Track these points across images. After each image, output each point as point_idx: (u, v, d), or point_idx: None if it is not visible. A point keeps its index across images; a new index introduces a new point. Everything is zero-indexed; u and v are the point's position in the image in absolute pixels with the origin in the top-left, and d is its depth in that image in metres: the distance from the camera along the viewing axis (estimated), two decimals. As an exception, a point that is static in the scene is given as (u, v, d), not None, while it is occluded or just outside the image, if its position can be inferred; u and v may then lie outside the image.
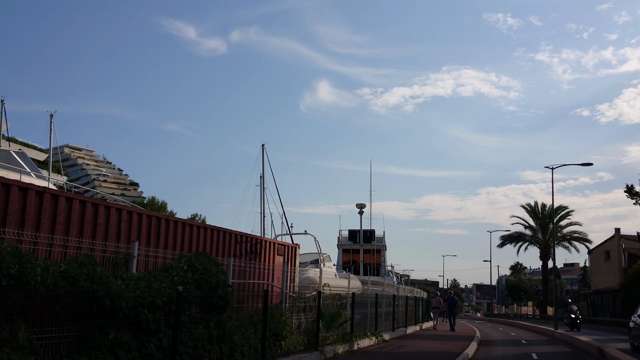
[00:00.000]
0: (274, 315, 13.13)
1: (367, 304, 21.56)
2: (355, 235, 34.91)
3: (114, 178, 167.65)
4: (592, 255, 65.19)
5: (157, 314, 8.76)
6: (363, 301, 21.58)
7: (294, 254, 16.47)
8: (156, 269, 9.95)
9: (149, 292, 8.63)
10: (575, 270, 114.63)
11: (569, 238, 63.70)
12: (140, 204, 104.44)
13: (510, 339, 27.88)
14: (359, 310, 20.52)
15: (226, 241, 12.77)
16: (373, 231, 35.34)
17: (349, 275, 19.47)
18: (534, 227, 66.00)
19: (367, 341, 17.54)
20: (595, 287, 60.01)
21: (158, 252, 10.40)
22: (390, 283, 26.26)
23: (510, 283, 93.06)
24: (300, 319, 15.70)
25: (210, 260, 10.39)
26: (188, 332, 9.57)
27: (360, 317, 20.46)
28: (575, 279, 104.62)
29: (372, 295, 22.82)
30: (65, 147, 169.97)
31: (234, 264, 12.86)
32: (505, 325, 46.01)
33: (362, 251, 35.10)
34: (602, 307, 53.12)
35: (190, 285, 9.62)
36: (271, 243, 14.97)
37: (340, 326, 16.50)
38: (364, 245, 34.90)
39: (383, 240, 35.87)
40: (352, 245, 35.24)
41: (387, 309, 24.97)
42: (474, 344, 21.64)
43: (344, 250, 35.74)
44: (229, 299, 10.75)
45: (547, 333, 32.36)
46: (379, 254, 35.18)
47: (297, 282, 16.61)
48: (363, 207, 36.26)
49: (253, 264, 13.85)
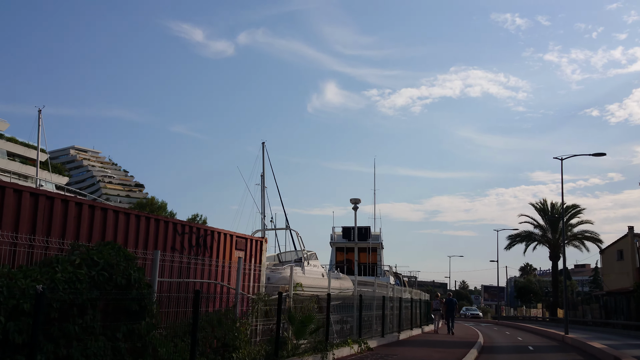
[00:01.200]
0: (222, 322, 10.86)
1: (353, 307, 19.34)
2: (350, 233, 32.56)
3: (119, 179, 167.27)
4: (604, 255, 62.35)
5: (22, 322, 6.51)
6: (349, 304, 19.34)
7: (260, 249, 14.17)
8: (34, 263, 7.69)
9: (8, 292, 6.39)
10: (586, 272, 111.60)
11: (579, 237, 60.97)
12: (140, 204, 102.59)
13: (516, 345, 25.44)
14: (342, 314, 18.32)
15: (160, 232, 10.50)
16: (368, 228, 32.96)
17: (329, 274, 17.21)
18: (543, 226, 63.32)
19: (347, 350, 15.21)
20: (607, 288, 57.23)
21: (51, 243, 8.13)
22: (382, 283, 23.92)
23: (519, 284, 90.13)
24: (266, 325, 13.44)
25: (119, 252, 8.11)
26: (81, 347, 7.31)
27: (345, 322, 18.26)
28: (586, 280, 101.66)
29: (366, 297, 20.56)
30: (70, 149, 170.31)
31: (172, 260, 10.59)
32: (512, 329, 43.46)
33: (356, 250, 32.73)
34: (615, 309, 50.42)
35: (82, 284, 7.34)
36: (226, 235, 12.69)
37: (313, 333, 14.20)
38: (358, 243, 32.55)
39: (379, 238, 33.49)
40: (346, 244, 32.88)
41: (379, 312, 22.70)
42: (474, 351, 19.26)
43: (337, 248, 33.38)
44: (146, 302, 8.48)
45: (557, 338, 29.86)
46: (374, 253, 32.82)
47: (264, 281, 14.32)
48: (358, 203, 33.90)
49: (201, 260, 11.57)
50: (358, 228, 32.76)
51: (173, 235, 10.87)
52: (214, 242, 12.16)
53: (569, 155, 30.26)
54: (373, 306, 21.39)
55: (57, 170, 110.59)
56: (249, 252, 13.68)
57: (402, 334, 24.12)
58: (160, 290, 10.19)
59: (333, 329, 17.73)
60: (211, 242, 12.09)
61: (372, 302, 21.50)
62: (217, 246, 12.27)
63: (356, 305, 18.47)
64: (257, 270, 13.98)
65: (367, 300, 20.80)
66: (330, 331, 17.61)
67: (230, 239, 12.85)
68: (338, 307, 20.14)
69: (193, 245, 11.46)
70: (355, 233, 32.46)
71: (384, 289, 24.72)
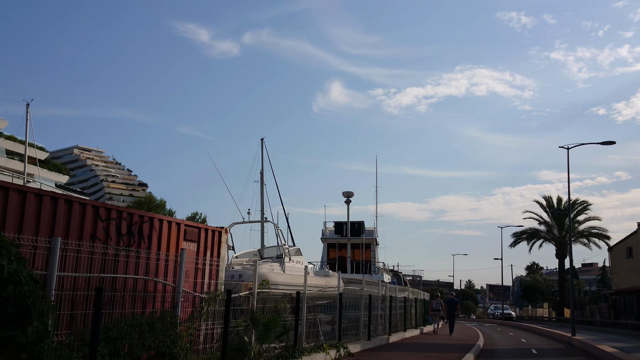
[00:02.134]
0: (154, 328, 9.00)
1: (342, 307, 17.57)
2: (342, 228, 30.65)
3: (123, 179, 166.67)
4: (612, 252, 60.24)
5: None
6: (332, 304, 17.55)
7: (218, 240, 12.29)
8: None
9: None
10: (593, 271, 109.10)
11: (587, 234, 58.74)
12: (138, 202, 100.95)
13: (519, 348, 23.47)
14: (333, 315, 16.88)
15: (74, 216, 8.61)
16: (362, 223, 30.99)
17: (305, 270, 15.30)
18: (549, 223, 61.15)
19: (321, 356, 13.30)
20: (616, 287, 55.09)
21: None
22: (372, 281, 22.01)
23: (525, 283, 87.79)
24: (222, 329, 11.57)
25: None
26: None
27: (335, 322, 16.52)
28: (594, 280, 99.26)
29: (350, 296, 18.73)
30: (74, 148, 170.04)
31: (91, 251, 8.72)
32: (516, 330, 41.40)
33: (349, 246, 30.81)
34: (624, 308, 48.25)
35: None
36: (171, 224, 10.80)
37: (280, 337, 12.32)
38: (351, 239, 30.62)
39: (373, 233, 31.50)
40: (339, 239, 30.93)
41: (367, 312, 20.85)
42: (470, 356, 17.32)
43: (329, 244, 31.40)
44: (30, 302, 6.62)
45: (563, 339, 27.85)
46: (368, 250, 30.86)
47: (223, 278, 12.44)
48: (350, 196, 32.05)
49: (135, 253, 9.70)
50: (351, 223, 30.83)
51: (93, 221, 8.99)
52: (152, 231, 10.28)
53: (576, 144, 28.32)
54: (360, 306, 19.51)
55: (57, 168, 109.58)
56: (203, 244, 11.79)
57: (393, 336, 22.20)
58: (73, 287, 8.35)
59: (320, 330, 16.02)
60: (149, 231, 10.20)
61: (360, 302, 19.64)
62: (157, 236, 10.38)
63: (337, 305, 16.57)
64: (214, 266, 12.10)
65: (352, 299, 18.96)
66: (315, 333, 15.83)
67: (176, 227, 10.96)
68: (327, 307, 18.41)
69: (123, 234, 9.57)
70: (347, 228, 30.55)
71: (375, 287, 22.86)
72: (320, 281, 19.20)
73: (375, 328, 21.18)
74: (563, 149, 28.08)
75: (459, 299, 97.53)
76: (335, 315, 18.04)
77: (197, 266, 11.47)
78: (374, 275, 28.21)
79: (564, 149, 28.04)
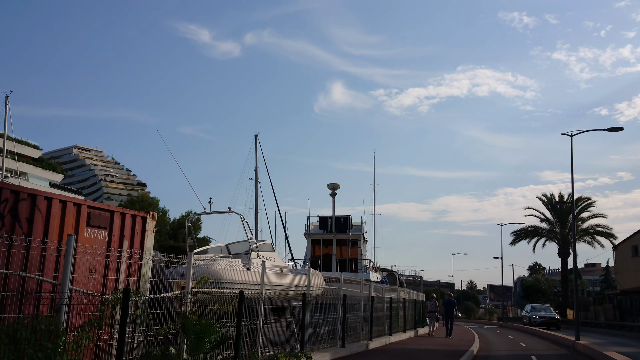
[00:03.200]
0: (18, 339, 6.71)
1: (327, 308, 15.54)
2: (327, 223, 28.30)
3: (122, 178, 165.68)
4: (617, 251, 57.88)
5: None
6: (324, 304, 15.50)
7: (141, 229, 9.97)
8: None
9: None
10: (596, 271, 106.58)
11: (591, 232, 56.34)
12: (131, 200, 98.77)
13: (517, 354, 21.12)
14: (315, 317, 15.23)
15: None
16: (349, 218, 28.60)
17: (263, 266, 12.98)
18: (551, 220, 58.75)
19: (272, 370, 10.99)
20: (621, 286, 52.73)
21: None
22: (355, 280, 19.70)
23: (526, 283, 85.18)
24: (147, 337, 9.34)
25: None
26: None
27: (318, 325, 15.31)
28: (597, 280, 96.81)
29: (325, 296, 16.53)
30: (73, 148, 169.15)
31: None
32: (517, 332, 39.01)
33: (334, 242, 28.46)
34: (631, 309, 45.87)
35: None
36: (66, 204, 8.48)
37: (216, 347, 10.03)
38: (337, 234, 28.25)
39: (361, 229, 29.13)
40: (323, 235, 28.54)
41: (352, 314, 18.61)
42: (458, 366, 14.99)
43: (312, 241, 29.04)
44: None
45: (566, 344, 25.49)
46: (356, 246, 28.50)
47: (148, 275, 10.13)
48: (336, 188, 29.72)
49: (7, 240, 7.39)
50: (337, 217, 28.46)
51: None
52: (36, 213, 7.96)
53: (580, 130, 25.95)
54: (338, 308, 17.21)
55: (51, 167, 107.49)
56: (118, 232, 9.47)
57: (375, 341, 19.87)
58: None
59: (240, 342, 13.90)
60: (30, 213, 7.89)
61: (339, 303, 17.36)
62: (43, 219, 8.06)
63: (302, 306, 14.28)
64: (135, 259, 9.79)
65: (328, 300, 16.72)
66: (287, 338, 13.67)
67: (74, 210, 8.63)
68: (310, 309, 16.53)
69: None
70: (333, 223, 28.18)
71: (358, 287, 20.59)
72: (295, 280, 17.01)
73: (356, 332, 18.92)
74: (566, 136, 25.76)
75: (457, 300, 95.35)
76: (317, 317, 16.02)
77: (108, 259, 9.16)
78: (360, 273, 25.89)
79: (567, 136, 25.73)
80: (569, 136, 25.68)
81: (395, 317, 25.46)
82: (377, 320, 22.37)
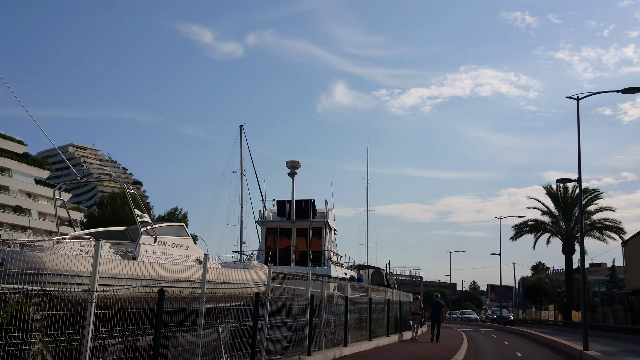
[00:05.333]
0: None
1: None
2: (285, 208, 23.68)
3: (117, 177, 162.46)
4: (626, 247, 53.09)
5: None
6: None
7: None
8: None
9: None
10: (602, 271, 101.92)
11: (599, 226, 51.54)
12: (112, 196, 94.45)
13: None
14: None
15: None
16: (311, 202, 23.76)
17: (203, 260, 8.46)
18: (555, 214, 53.98)
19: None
20: (631, 285, 47.96)
21: None
22: (302, 275, 15.18)
23: (528, 283, 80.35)
24: None
25: None
26: None
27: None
28: (603, 280, 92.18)
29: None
30: (69, 146, 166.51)
31: None
32: (515, 337, 34.34)
33: (294, 231, 23.80)
34: (643, 311, 41.17)
35: None
36: None
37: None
38: (297, 222, 23.61)
39: (326, 216, 24.35)
40: (280, 223, 23.91)
41: (300, 318, 14.38)
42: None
43: (267, 229, 24.34)
44: None
45: (572, 354, 20.87)
46: (318, 237, 23.77)
47: None
48: (296, 167, 25.09)
49: None
50: (297, 202, 23.81)
51: None
52: None
53: (587, 93, 21.48)
54: (294, 310, 12.92)
55: (37, 163, 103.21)
56: None
57: (330, 352, 15.38)
58: None
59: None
60: None
61: (296, 305, 13.09)
62: None
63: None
64: None
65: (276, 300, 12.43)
66: None
67: None
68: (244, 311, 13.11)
69: None
70: (292, 208, 23.54)
71: (321, 286, 16.21)
72: (222, 275, 12.82)
73: (301, 342, 14.53)
74: (572, 99, 21.26)
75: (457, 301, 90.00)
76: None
77: None
78: (320, 269, 21.29)
79: (573, 99, 21.21)
80: (575, 99, 21.14)
81: (379, 320, 21.61)
82: (340, 325, 18.02)
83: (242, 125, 40.19)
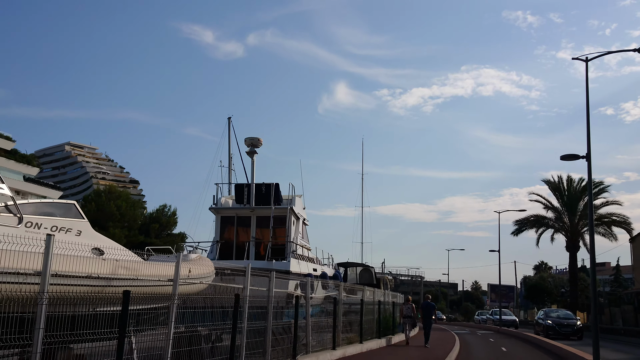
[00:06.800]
0: None
1: None
2: (244, 193, 20.16)
3: (114, 175, 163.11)
4: (635, 243, 49.79)
5: None
6: None
7: None
8: None
9: None
10: (605, 271, 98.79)
11: (606, 221, 48.09)
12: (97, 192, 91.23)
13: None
14: None
15: None
16: (274, 186, 20.18)
17: None
18: (558, 209, 50.51)
19: None
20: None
21: None
22: (251, 272, 11.87)
23: (530, 282, 76.94)
24: None
25: None
26: None
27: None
28: (607, 280, 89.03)
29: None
30: (66, 145, 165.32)
31: None
32: (514, 341, 30.86)
33: (254, 220, 20.30)
34: (655, 312, 37.69)
35: None
36: None
37: None
38: (257, 209, 20.14)
39: (291, 203, 20.67)
40: (238, 210, 20.40)
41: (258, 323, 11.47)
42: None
43: (223, 218, 20.74)
44: None
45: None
46: (282, 227, 20.19)
47: None
48: (257, 145, 21.65)
49: None
50: (257, 186, 20.32)
51: None
52: None
53: (597, 54, 18.16)
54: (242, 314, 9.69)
55: (25, 159, 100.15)
56: None
57: None
58: None
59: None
60: None
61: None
62: None
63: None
64: None
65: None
66: None
67: None
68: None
69: None
70: (252, 193, 20.07)
71: (283, 284, 13.01)
72: (129, 268, 9.89)
73: (264, 351, 11.44)
74: (580, 60, 17.99)
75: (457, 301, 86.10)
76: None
77: None
78: (277, 263, 17.86)
79: (582, 60, 17.88)
80: (583, 61, 17.80)
81: (353, 324, 19.18)
82: (302, 329, 14.80)
83: (230, 117, 37.84)
